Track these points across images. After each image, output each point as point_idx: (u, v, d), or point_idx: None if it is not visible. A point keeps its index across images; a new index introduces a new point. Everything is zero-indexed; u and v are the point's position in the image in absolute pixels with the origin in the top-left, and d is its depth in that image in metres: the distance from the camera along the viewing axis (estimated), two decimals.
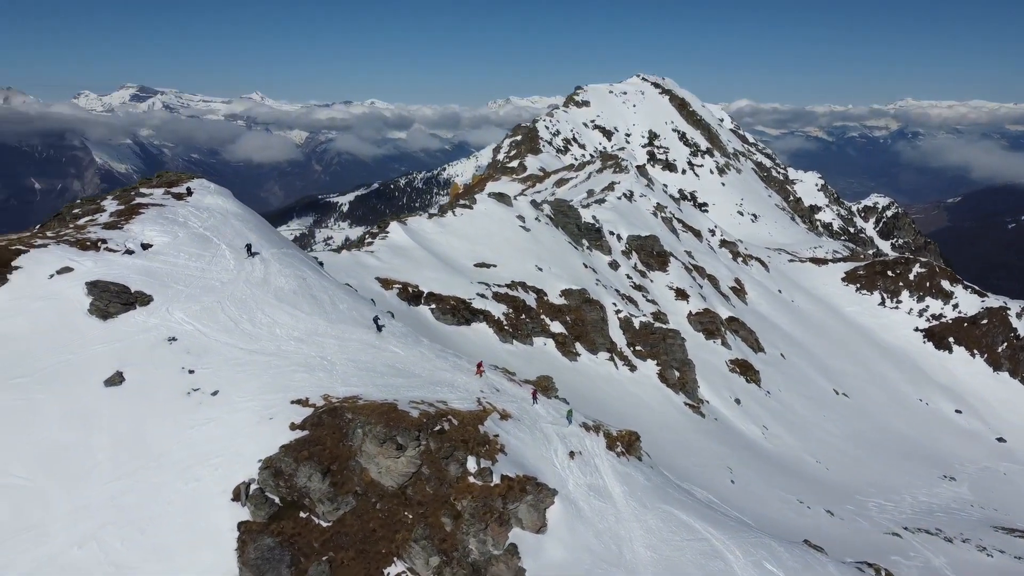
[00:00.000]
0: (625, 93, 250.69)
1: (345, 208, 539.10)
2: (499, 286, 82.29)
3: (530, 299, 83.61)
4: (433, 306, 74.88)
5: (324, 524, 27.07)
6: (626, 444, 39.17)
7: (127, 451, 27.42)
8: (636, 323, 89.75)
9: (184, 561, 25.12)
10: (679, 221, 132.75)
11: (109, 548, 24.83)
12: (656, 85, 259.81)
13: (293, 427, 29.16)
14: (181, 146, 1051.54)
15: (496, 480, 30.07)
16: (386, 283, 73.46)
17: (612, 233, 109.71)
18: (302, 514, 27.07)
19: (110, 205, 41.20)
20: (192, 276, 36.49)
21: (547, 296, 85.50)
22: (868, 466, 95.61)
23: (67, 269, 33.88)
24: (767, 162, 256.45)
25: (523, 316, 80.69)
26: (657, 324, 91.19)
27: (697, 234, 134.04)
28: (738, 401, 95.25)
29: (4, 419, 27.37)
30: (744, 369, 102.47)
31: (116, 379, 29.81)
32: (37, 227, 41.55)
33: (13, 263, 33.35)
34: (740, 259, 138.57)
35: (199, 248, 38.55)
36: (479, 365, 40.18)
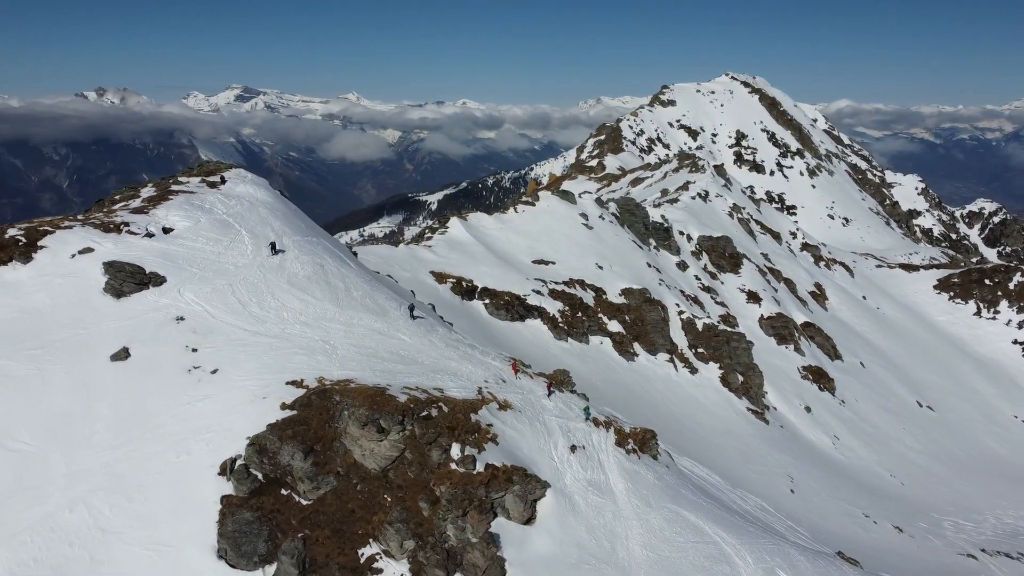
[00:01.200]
0: (713, 92, 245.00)
1: (434, 207, 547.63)
2: (556, 283, 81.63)
3: (588, 297, 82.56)
4: (487, 301, 74.93)
5: (304, 502, 27.34)
6: (639, 441, 37.95)
7: (125, 422, 28.48)
8: (699, 325, 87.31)
9: (167, 529, 25.81)
10: (757, 223, 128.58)
11: (98, 513, 25.79)
12: (746, 84, 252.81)
13: (284, 407, 29.59)
14: (280, 144, 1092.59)
15: (479, 468, 29.65)
16: (440, 277, 74.00)
17: (682, 233, 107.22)
18: (283, 491, 27.42)
19: (147, 191, 43.12)
20: (208, 260, 37.66)
21: (606, 295, 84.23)
22: (949, 484, 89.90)
23: (88, 250, 35.54)
24: (862, 164, 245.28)
25: (579, 314, 79.76)
26: (722, 327, 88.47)
27: (776, 236, 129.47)
28: (808, 409, 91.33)
29: (16, 387, 28.93)
30: (817, 376, 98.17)
31: (122, 354, 31.05)
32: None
33: (39, 243, 35.31)
34: (822, 263, 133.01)
35: (219, 233, 39.77)
36: (513, 364, 39.61)
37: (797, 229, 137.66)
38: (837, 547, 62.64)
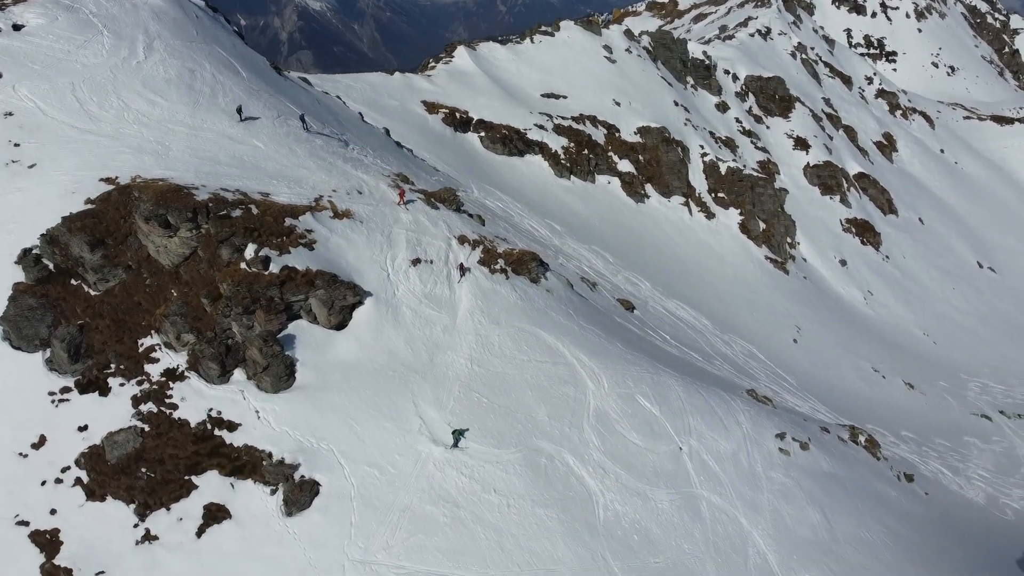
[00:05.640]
0: None
1: None
2: (564, 119, 77.05)
3: (598, 134, 77.83)
4: (482, 134, 71.61)
5: (93, 293, 26.97)
6: (513, 262, 35.32)
7: None
8: (722, 168, 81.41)
9: None
10: (826, 65, 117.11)
11: None
12: None
13: (88, 202, 28.88)
14: None
15: (274, 270, 28.26)
16: (432, 107, 70.84)
17: (727, 72, 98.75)
18: (73, 281, 27.13)
19: None
20: (54, 58, 36.17)
21: (620, 133, 79.16)
22: (993, 346, 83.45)
23: None
24: (983, 6, 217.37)
25: (586, 152, 75.48)
26: (748, 171, 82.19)
27: (847, 81, 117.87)
28: (844, 263, 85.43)
29: None
30: (862, 230, 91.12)
31: None
32: None
33: None
34: (899, 112, 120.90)
35: (75, 32, 37.87)
36: (401, 194, 36.87)
37: (875, 74, 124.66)
38: (822, 396, 59.52)
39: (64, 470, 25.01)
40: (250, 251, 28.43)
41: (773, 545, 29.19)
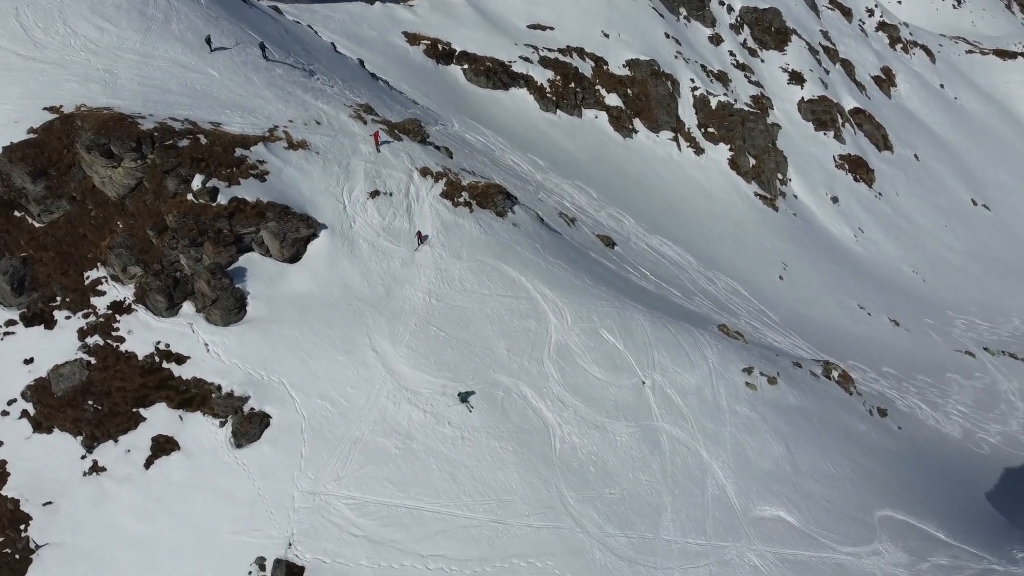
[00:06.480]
0: None
1: None
2: (550, 51, 75.06)
3: (586, 67, 75.94)
4: (465, 66, 69.85)
5: (37, 225, 26.29)
6: (478, 195, 34.42)
7: None
8: (713, 103, 79.67)
9: None
10: None
11: None
12: None
13: (31, 131, 27.84)
14: None
15: (222, 201, 27.47)
16: (413, 38, 68.90)
17: (722, 3, 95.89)
18: (16, 213, 26.39)
19: None
20: None
21: (608, 65, 77.21)
22: (983, 284, 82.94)
23: None
24: None
25: (572, 85, 73.77)
26: (738, 105, 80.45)
27: (846, 13, 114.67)
28: (835, 200, 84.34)
29: None
30: (855, 166, 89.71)
31: None
32: None
33: None
34: (899, 46, 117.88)
35: None
36: (375, 135, 35.52)
37: (876, 6, 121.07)
38: (805, 332, 59.30)
39: (10, 403, 24.75)
40: (197, 182, 27.59)
41: (732, 477, 29.17)
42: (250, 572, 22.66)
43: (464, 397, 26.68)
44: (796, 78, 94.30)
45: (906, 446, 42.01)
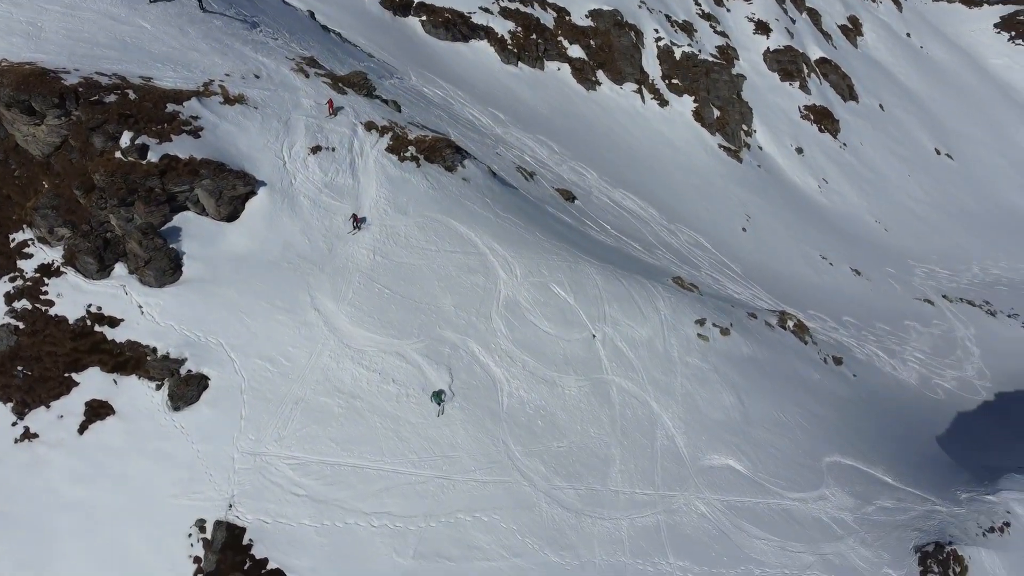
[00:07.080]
0: None
1: None
2: (511, 1, 73.50)
3: (547, 18, 74.51)
4: (424, 18, 68.17)
5: None
6: (426, 149, 33.57)
7: None
8: (677, 53, 78.67)
9: None
10: None
11: None
12: None
13: None
14: None
15: (153, 159, 26.51)
16: None
17: None
18: None
19: None
20: None
21: (569, 16, 75.80)
22: (945, 234, 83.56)
23: None
24: None
25: (534, 36, 72.38)
26: (703, 56, 79.53)
27: None
28: (800, 151, 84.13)
29: None
30: (820, 117, 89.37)
31: None
32: None
33: None
34: None
35: None
36: (329, 103, 34.01)
37: None
38: (767, 284, 59.54)
39: None
40: (126, 139, 26.54)
41: (682, 427, 29.24)
42: (190, 534, 22.40)
43: (438, 398, 26.08)
44: (762, 28, 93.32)
45: (861, 393, 42.48)
